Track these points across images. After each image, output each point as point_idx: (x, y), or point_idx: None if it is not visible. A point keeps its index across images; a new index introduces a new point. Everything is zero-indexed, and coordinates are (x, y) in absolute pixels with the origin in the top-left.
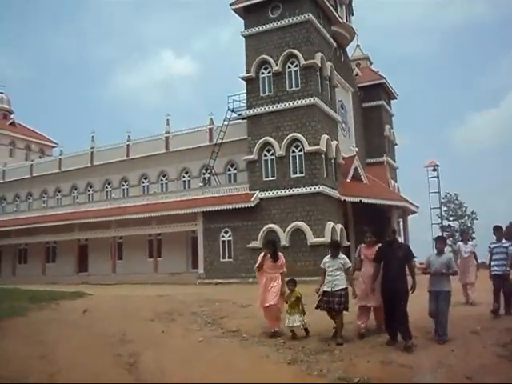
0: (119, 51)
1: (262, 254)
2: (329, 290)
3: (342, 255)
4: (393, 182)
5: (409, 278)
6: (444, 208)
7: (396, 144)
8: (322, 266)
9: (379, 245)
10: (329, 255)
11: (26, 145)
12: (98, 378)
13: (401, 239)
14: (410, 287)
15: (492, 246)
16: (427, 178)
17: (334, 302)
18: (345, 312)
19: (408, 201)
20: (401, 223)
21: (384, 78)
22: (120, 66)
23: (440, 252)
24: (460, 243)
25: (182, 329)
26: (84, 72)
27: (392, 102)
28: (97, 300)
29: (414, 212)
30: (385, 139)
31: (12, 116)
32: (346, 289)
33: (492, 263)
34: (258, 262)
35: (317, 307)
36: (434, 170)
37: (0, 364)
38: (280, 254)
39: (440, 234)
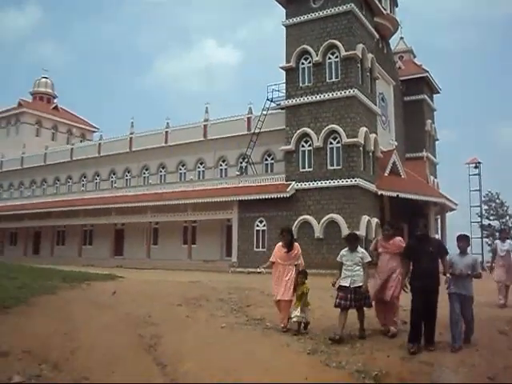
0: (163, 39)
1: (278, 246)
2: (347, 285)
3: (360, 249)
4: (432, 177)
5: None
6: (485, 207)
7: (437, 139)
8: (338, 259)
9: (398, 238)
10: (346, 248)
11: (68, 129)
12: (116, 357)
13: (438, 236)
14: (446, 284)
15: None
16: (468, 175)
17: (353, 300)
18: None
19: (446, 197)
20: (439, 220)
21: (427, 72)
22: (163, 54)
23: (463, 252)
24: (497, 241)
25: (207, 314)
26: (127, 58)
27: (436, 96)
28: (128, 283)
29: (452, 209)
30: (425, 134)
31: (55, 100)
32: (366, 285)
33: None
34: (272, 257)
35: (336, 306)
36: (476, 167)
37: (25, 338)
38: (296, 244)
39: (463, 233)
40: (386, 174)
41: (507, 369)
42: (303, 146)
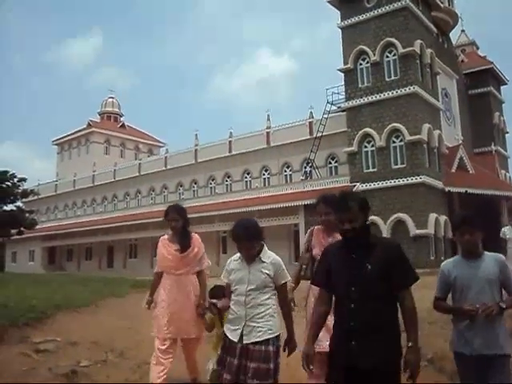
0: (221, 54)
1: (162, 240)
2: (235, 339)
3: (270, 254)
4: (504, 172)
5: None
6: None
7: (507, 132)
8: (222, 278)
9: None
10: (237, 255)
11: (135, 145)
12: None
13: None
14: (403, 355)
15: None
16: None
17: (248, 372)
18: None
19: None
20: None
21: (492, 63)
22: (222, 68)
23: (471, 253)
24: (506, 228)
25: None
26: (188, 75)
27: (504, 87)
28: None
29: None
30: (494, 127)
31: (122, 119)
32: (278, 339)
33: None
34: (157, 265)
35: (212, 380)
36: None
37: (92, 332)
38: (195, 235)
39: (467, 213)
40: (452, 171)
41: None
42: (366, 147)
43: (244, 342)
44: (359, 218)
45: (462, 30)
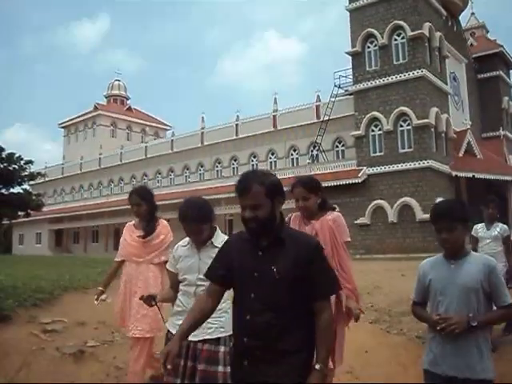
0: (227, 37)
1: (128, 226)
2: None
3: (224, 238)
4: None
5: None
6: None
7: None
8: (168, 266)
9: (335, 214)
10: (186, 239)
11: (142, 128)
12: None
13: None
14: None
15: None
16: None
17: (196, 375)
18: None
19: None
20: None
21: (501, 47)
22: (228, 52)
23: (455, 254)
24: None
25: None
26: (193, 59)
27: None
28: None
29: None
30: (502, 112)
31: (129, 102)
32: (231, 339)
33: None
34: (120, 251)
35: None
36: None
37: (100, 312)
38: (163, 221)
39: (446, 202)
40: (460, 155)
41: None
42: (373, 131)
43: (190, 339)
44: (265, 206)
45: (472, 13)
